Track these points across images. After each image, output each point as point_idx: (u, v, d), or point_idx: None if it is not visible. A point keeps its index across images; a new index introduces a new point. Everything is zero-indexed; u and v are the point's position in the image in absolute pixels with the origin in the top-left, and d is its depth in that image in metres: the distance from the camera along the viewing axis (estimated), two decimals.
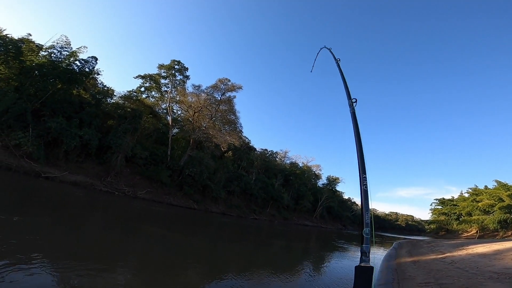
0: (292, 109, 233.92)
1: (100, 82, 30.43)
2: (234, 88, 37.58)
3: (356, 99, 2.98)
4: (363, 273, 1.29)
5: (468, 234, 59.12)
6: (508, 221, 49.00)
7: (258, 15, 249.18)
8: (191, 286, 6.03)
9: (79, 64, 26.25)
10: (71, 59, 25.79)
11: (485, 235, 52.97)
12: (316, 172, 67.58)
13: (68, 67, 25.25)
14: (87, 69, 26.84)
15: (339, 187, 73.88)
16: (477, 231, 55.80)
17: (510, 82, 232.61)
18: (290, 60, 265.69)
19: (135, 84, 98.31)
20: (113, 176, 26.50)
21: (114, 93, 32.29)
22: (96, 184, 24.54)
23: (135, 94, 36.64)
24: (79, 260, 5.62)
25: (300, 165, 65.00)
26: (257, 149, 56.15)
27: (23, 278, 4.15)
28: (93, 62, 27.17)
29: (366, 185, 1.78)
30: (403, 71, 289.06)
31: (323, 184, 71.96)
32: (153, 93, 39.06)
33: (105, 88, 30.59)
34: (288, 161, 64.18)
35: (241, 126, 41.76)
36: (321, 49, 5.97)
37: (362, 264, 1.47)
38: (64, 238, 7.37)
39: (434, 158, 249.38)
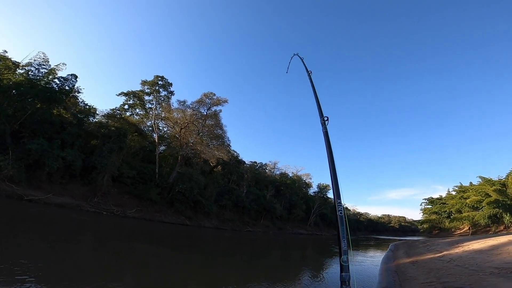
0: (277, 121, 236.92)
1: (81, 100, 29.85)
2: (219, 102, 37.60)
3: (328, 117, 2.74)
4: None
5: (461, 231, 60.03)
6: (498, 215, 49.83)
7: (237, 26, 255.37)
8: None
9: (58, 82, 25.55)
10: (50, 77, 25.09)
11: (477, 231, 53.70)
12: (306, 181, 67.80)
13: (47, 85, 24.53)
14: (67, 87, 26.08)
15: (330, 194, 74.10)
16: (469, 228, 56.66)
17: (488, 79, 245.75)
18: (269, 70, 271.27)
19: (117, 102, 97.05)
20: (100, 196, 25.75)
21: (97, 112, 31.62)
22: (82, 205, 23.74)
23: (118, 112, 35.91)
24: (74, 283, 5.51)
25: (290, 175, 65.11)
26: (246, 162, 56.04)
27: None
28: (72, 80, 26.53)
29: (342, 211, 1.79)
30: (388, 71, 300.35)
31: (314, 192, 72.18)
32: (137, 110, 38.32)
33: (87, 107, 29.96)
34: (278, 172, 64.26)
35: (228, 140, 41.77)
36: (293, 55, 5.50)
37: None
38: (55, 262, 7.16)
39: (420, 159, 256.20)
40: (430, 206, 76.44)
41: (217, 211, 39.10)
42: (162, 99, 37.73)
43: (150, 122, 37.58)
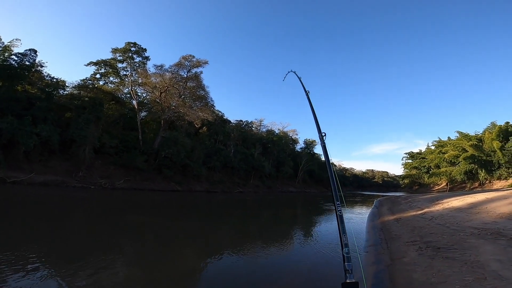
0: (261, 79, 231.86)
1: (46, 74, 27.88)
2: (199, 63, 36.27)
3: (325, 133, 3.03)
4: None
5: (439, 187, 62.36)
6: (473, 171, 51.86)
7: None
8: (190, 268, 6.02)
9: (16, 58, 24.36)
10: (6, 54, 23.88)
11: (454, 187, 56.05)
12: (293, 137, 67.78)
13: (5, 62, 23.47)
14: (27, 63, 24.88)
15: (316, 150, 75.14)
16: (447, 184, 58.83)
17: (469, 35, 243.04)
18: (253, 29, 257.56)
19: (88, 73, 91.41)
20: (85, 170, 25.09)
21: (66, 84, 29.87)
22: (68, 181, 23.19)
23: (90, 82, 34.02)
24: (73, 261, 5.47)
25: (277, 132, 64.89)
26: (232, 121, 55.39)
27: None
28: (32, 55, 25.27)
29: (341, 211, 2.05)
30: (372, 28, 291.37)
31: (301, 148, 72.46)
32: (111, 78, 36.38)
33: (54, 80, 28.07)
34: (264, 129, 64.02)
35: (212, 101, 40.95)
36: (288, 72, 5.32)
37: (348, 281, 1.62)
38: (53, 241, 7.12)
39: (402, 113, 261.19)
40: (410, 161, 77.14)
41: (206, 174, 39.26)
42: (137, 65, 35.62)
43: (127, 89, 35.76)
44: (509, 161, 45.96)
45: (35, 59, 25.76)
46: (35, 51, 25.48)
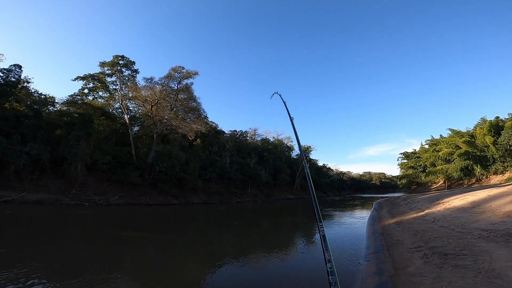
0: (253, 86, 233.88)
1: (34, 90, 27.51)
2: (190, 75, 36.11)
3: (308, 160, 2.88)
4: None
5: (437, 185, 62.20)
6: (469, 167, 51.96)
7: None
8: (193, 280, 6.01)
9: (1, 74, 23.85)
10: None
11: (452, 184, 56.04)
12: (288, 144, 67.55)
13: None
14: (13, 79, 24.37)
15: (312, 155, 75.11)
16: (444, 181, 58.66)
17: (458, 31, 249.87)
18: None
19: (75, 88, 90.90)
20: (78, 187, 24.57)
21: (56, 101, 29.43)
22: (61, 199, 22.70)
23: (79, 97, 33.68)
24: (73, 278, 5.43)
25: (272, 140, 64.81)
26: (226, 132, 55.21)
27: None
28: (17, 70, 24.92)
29: (323, 231, 2.20)
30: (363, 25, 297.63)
31: (297, 155, 71.67)
32: (100, 93, 36.12)
33: (42, 97, 27.71)
34: (259, 138, 63.72)
35: (204, 112, 40.86)
36: (274, 94, 5.30)
37: None
38: (51, 260, 6.95)
39: (393, 114, 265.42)
40: (406, 161, 77.35)
41: (203, 186, 38.75)
42: (126, 78, 35.42)
43: (118, 104, 35.36)
44: (503, 155, 46.25)
45: (20, 75, 25.35)
46: (19, 66, 25.12)
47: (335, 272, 2.07)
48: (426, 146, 70.30)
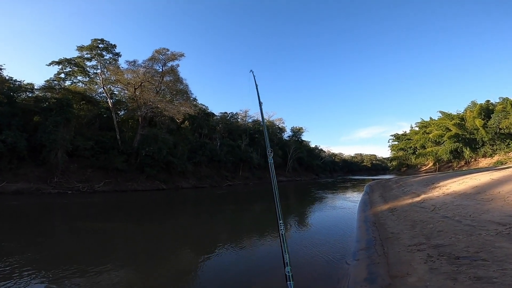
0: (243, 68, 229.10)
1: (8, 77, 26.27)
2: (175, 56, 34.82)
3: (272, 150, 3.28)
4: None
5: (427, 167, 63.07)
6: (459, 150, 52.47)
7: None
8: (185, 267, 5.88)
9: None
10: None
11: (441, 167, 56.72)
12: (280, 126, 67.36)
13: None
14: None
15: (304, 137, 74.67)
16: (434, 163, 59.49)
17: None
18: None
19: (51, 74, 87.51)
20: (60, 175, 23.99)
21: (35, 87, 28.51)
22: (43, 188, 22.20)
23: (56, 83, 32.49)
24: (62, 267, 5.37)
25: None
26: (216, 114, 54.22)
27: None
28: None
29: (283, 229, 2.23)
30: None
31: (288, 136, 72.09)
32: (79, 78, 35.01)
33: (17, 83, 26.61)
34: (250, 120, 62.84)
35: (193, 94, 40.00)
36: (249, 71, 4.85)
37: None
38: (41, 252, 6.72)
39: (383, 96, 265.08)
40: (397, 143, 78.14)
41: (192, 169, 38.43)
42: (107, 62, 34.16)
43: (101, 89, 34.26)
44: (492, 138, 46.56)
45: None
46: None
47: (292, 277, 2.06)
48: (417, 129, 70.69)
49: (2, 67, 26.12)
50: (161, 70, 34.14)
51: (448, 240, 5.24)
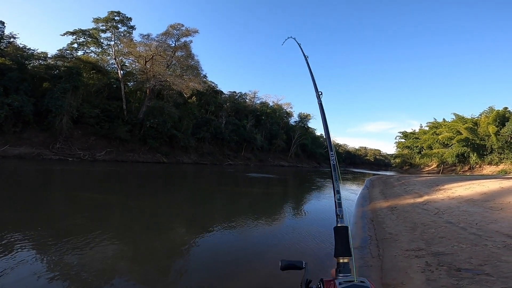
0: (258, 50, 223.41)
1: (22, 45, 26.88)
2: (189, 32, 34.57)
3: (322, 92, 2.69)
4: (340, 231, 1.15)
5: (430, 168, 61.62)
6: (465, 155, 51.25)
7: None
8: (180, 245, 5.81)
9: None
10: None
11: (444, 169, 55.55)
12: (287, 110, 66.50)
13: None
14: None
15: (310, 124, 73.52)
16: (438, 165, 58.22)
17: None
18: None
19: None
20: (62, 141, 24.59)
21: (49, 56, 29.12)
22: (44, 153, 22.78)
23: (68, 52, 32.98)
24: (56, 242, 5.13)
25: (271, 105, 63.39)
26: (225, 93, 53.83)
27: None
28: (0, 26, 24.83)
29: (335, 160, 1.78)
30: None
31: (295, 121, 71.16)
32: (92, 48, 35.59)
33: (30, 52, 27.14)
34: (258, 101, 62.30)
35: (203, 71, 39.97)
36: (287, 38, 4.57)
37: (339, 225, 1.41)
38: (29, 222, 6.41)
39: (397, 92, 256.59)
40: (403, 140, 76.41)
41: (195, 145, 38.81)
42: (122, 35, 34.42)
43: (113, 60, 34.26)
44: (502, 146, 45.49)
45: (4, 31, 25.34)
46: (2, 23, 25.05)
47: (342, 204, 2.18)
48: (426, 128, 68.90)
49: (15, 36, 26.69)
50: (174, 45, 34.02)
51: (450, 248, 4.81)
